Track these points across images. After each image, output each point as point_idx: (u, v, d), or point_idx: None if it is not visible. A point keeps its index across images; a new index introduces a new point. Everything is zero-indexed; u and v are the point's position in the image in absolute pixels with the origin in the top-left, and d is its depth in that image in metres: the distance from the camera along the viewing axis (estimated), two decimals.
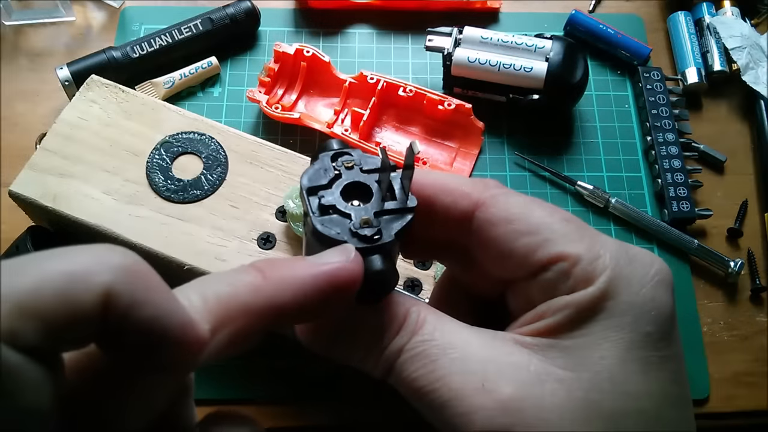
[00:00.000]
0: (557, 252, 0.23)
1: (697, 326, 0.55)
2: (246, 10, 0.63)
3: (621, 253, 0.23)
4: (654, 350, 0.22)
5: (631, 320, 0.22)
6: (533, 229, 0.23)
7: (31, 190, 0.46)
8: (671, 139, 0.61)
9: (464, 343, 0.22)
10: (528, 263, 0.23)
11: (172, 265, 0.44)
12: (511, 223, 0.24)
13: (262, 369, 0.50)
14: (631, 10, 0.70)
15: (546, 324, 0.22)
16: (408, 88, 0.59)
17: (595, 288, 0.22)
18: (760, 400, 0.53)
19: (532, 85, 0.58)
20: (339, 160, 0.24)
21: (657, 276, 0.23)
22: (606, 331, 0.22)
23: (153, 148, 0.49)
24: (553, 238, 0.23)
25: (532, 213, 0.24)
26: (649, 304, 0.22)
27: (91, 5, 0.67)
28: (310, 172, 0.24)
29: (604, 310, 0.22)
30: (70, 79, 0.58)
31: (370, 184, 0.24)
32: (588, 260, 0.22)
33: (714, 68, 0.65)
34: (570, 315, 0.22)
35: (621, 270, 0.22)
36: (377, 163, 0.25)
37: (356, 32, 0.67)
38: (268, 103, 0.59)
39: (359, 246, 0.22)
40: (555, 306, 0.22)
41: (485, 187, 0.25)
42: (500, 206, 0.24)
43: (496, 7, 0.68)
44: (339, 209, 0.23)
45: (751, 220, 0.60)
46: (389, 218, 0.23)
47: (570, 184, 0.59)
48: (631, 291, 0.22)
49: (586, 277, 0.22)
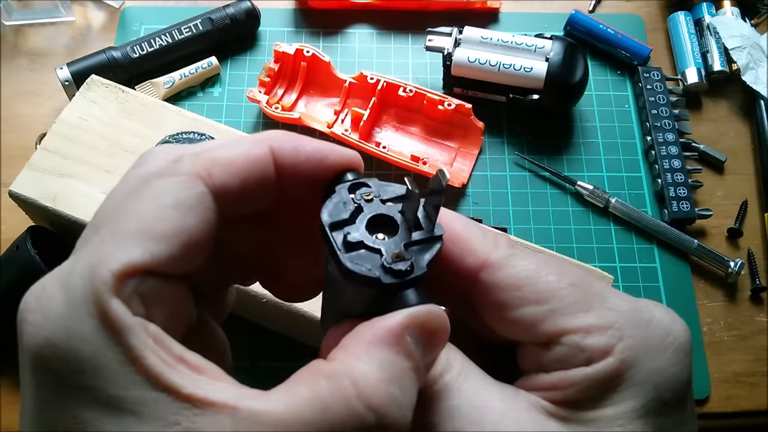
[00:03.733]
0: (565, 326, 0.22)
1: (697, 326, 0.55)
2: (246, 10, 0.63)
3: (635, 317, 0.22)
4: (672, 415, 0.22)
5: (652, 389, 0.21)
6: (540, 298, 0.23)
7: (31, 190, 0.46)
8: (671, 139, 0.61)
9: (487, 395, 0.22)
10: (535, 333, 0.23)
11: None
12: (518, 291, 0.23)
13: (263, 370, 0.50)
14: (631, 10, 0.70)
15: (564, 396, 0.22)
16: (408, 88, 0.59)
17: (615, 359, 0.21)
18: (760, 400, 0.53)
19: (532, 85, 0.58)
20: (357, 193, 0.23)
21: (676, 341, 0.22)
22: (627, 401, 0.21)
23: None
24: (560, 307, 0.22)
25: (539, 279, 0.23)
26: (670, 370, 0.22)
27: (91, 5, 0.67)
28: (330, 207, 0.22)
29: (625, 380, 0.21)
30: (70, 79, 0.58)
31: (394, 215, 0.23)
32: (601, 329, 0.22)
33: (714, 68, 0.65)
34: (589, 388, 0.21)
35: (639, 337, 0.22)
36: (396, 192, 0.23)
37: (356, 32, 0.67)
38: (268, 103, 0.59)
39: (392, 282, 0.21)
40: (572, 378, 0.22)
41: (495, 246, 0.24)
42: (508, 270, 0.23)
43: (496, 7, 0.68)
44: (367, 245, 0.22)
45: (751, 220, 0.60)
46: (417, 249, 0.22)
47: (570, 184, 0.59)
48: (651, 358, 0.22)
49: (602, 348, 0.22)
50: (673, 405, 0.22)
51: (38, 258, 0.46)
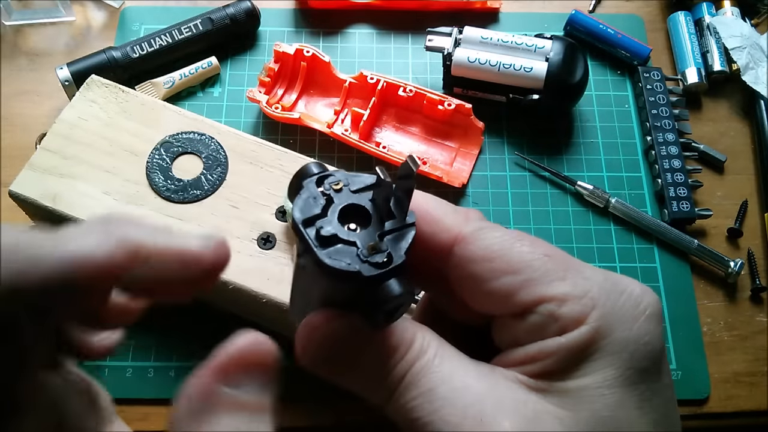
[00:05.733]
0: (540, 294, 0.22)
1: (697, 326, 0.55)
2: (246, 10, 0.63)
3: (609, 287, 0.23)
4: (649, 384, 0.22)
5: (627, 357, 0.22)
6: (514, 268, 0.23)
7: (31, 190, 0.46)
8: (671, 139, 0.61)
9: (463, 375, 0.22)
10: (510, 303, 0.23)
11: None
12: (491, 262, 0.23)
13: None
14: (631, 10, 0.70)
15: (541, 368, 0.22)
16: (408, 88, 0.59)
17: (588, 327, 0.22)
18: (760, 400, 0.53)
19: (532, 85, 0.58)
20: (325, 183, 0.23)
21: (648, 309, 0.22)
22: (603, 370, 0.21)
23: (153, 148, 0.49)
24: (535, 277, 0.22)
25: (512, 250, 0.23)
26: (643, 338, 0.22)
27: (91, 5, 0.67)
28: (300, 203, 0.22)
29: (599, 349, 0.22)
30: (70, 79, 0.58)
31: (365, 205, 0.23)
32: (575, 299, 0.22)
33: (714, 68, 0.65)
34: (565, 358, 0.22)
35: (611, 306, 0.22)
36: (365, 182, 0.23)
37: (356, 32, 0.67)
38: (268, 103, 0.59)
39: (374, 274, 0.21)
40: (548, 349, 0.22)
41: (466, 220, 0.24)
42: (480, 243, 0.23)
43: (496, 7, 0.68)
44: (342, 238, 0.21)
45: (751, 220, 0.60)
46: (392, 238, 0.22)
47: (570, 184, 0.59)
48: (624, 327, 0.22)
49: (576, 317, 0.22)
50: (649, 372, 0.22)
51: None
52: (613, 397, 0.21)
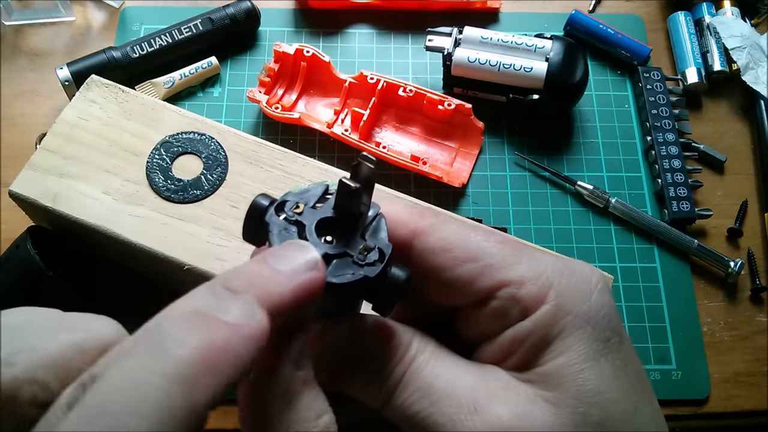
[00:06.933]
0: (500, 278, 0.23)
1: (697, 326, 0.55)
2: (246, 10, 0.63)
3: (561, 267, 0.24)
4: (617, 353, 0.23)
5: (591, 330, 0.23)
6: (472, 256, 0.24)
7: (31, 190, 0.46)
8: (671, 139, 0.61)
9: (457, 370, 0.23)
10: (472, 291, 0.24)
11: (171, 265, 0.44)
12: (450, 251, 0.24)
13: None
14: (631, 10, 0.70)
15: (520, 359, 0.23)
16: (408, 88, 0.59)
17: (549, 306, 0.23)
18: (760, 400, 0.53)
19: (532, 85, 0.58)
20: (287, 211, 0.23)
21: (598, 284, 0.24)
22: (574, 347, 0.23)
23: (153, 148, 0.49)
24: (493, 263, 0.24)
25: (469, 239, 0.24)
26: (601, 311, 0.23)
27: (91, 5, 0.67)
28: (276, 240, 0.22)
29: (564, 327, 0.23)
30: (70, 79, 0.58)
31: (331, 215, 0.23)
32: (532, 280, 0.23)
33: (714, 68, 0.65)
34: (536, 342, 0.23)
35: (566, 284, 0.23)
36: (316, 193, 0.23)
37: (356, 32, 0.67)
38: (268, 103, 0.59)
39: (379, 271, 0.22)
40: (519, 338, 0.23)
41: (421, 216, 0.25)
42: (438, 234, 0.24)
43: (496, 7, 0.68)
44: (332, 254, 0.22)
45: (751, 220, 0.60)
46: (369, 233, 0.23)
47: (570, 184, 0.59)
48: (581, 302, 0.23)
49: (535, 297, 0.23)
50: (615, 342, 0.23)
51: (38, 258, 0.46)
52: (590, 371, 0.22)
